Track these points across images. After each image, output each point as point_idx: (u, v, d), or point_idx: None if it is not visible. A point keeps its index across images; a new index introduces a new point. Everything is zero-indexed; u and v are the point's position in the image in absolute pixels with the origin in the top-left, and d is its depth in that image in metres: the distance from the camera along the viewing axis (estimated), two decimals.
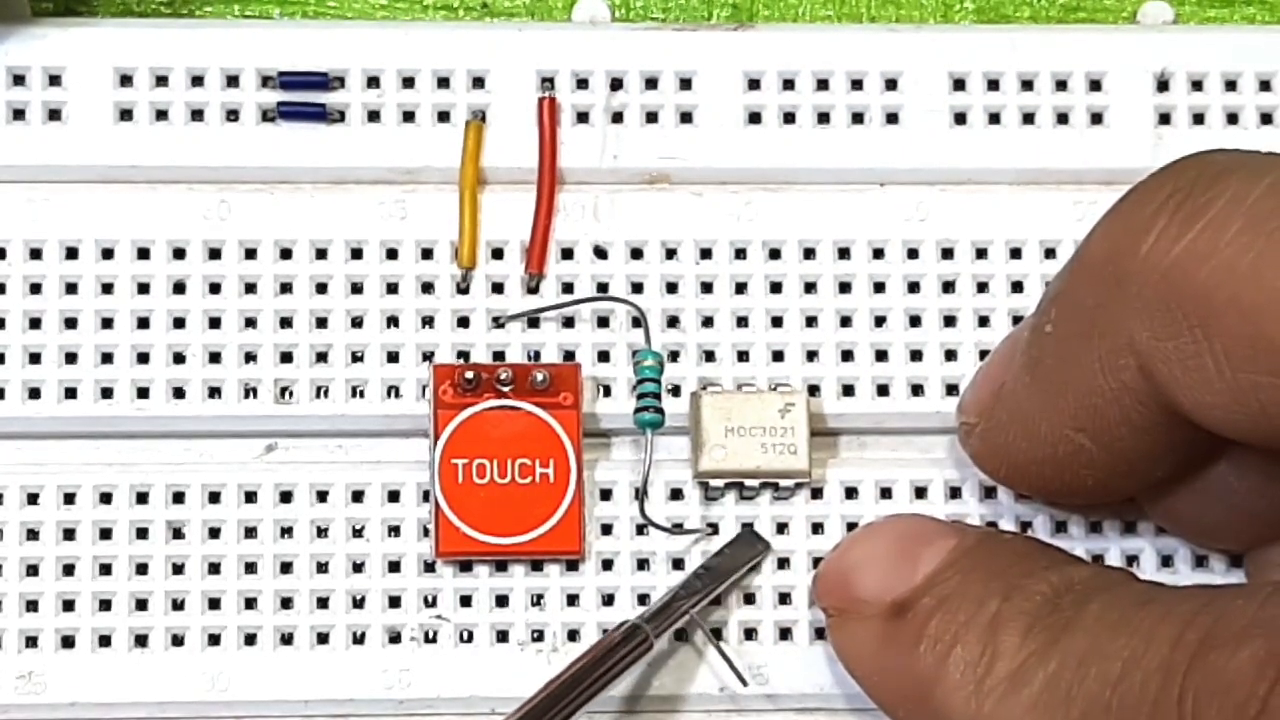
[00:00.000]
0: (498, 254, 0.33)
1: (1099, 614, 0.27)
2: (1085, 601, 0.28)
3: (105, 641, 0.31)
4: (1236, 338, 0.25)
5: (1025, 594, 0.28)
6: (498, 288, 0.33)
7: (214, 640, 0.31)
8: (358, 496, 0.32)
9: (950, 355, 0.33)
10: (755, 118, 0.33)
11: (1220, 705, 0.25)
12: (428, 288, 0.33)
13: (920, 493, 0.33)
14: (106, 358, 0.32)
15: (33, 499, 0.32)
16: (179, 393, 0.32)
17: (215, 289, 0.32)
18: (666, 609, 0.31)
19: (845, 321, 0.33)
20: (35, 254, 0.32)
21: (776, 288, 0.33)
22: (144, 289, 0.32)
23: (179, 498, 0.32)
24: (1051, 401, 0.29)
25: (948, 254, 0.33)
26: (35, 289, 0.32)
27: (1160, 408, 0.27)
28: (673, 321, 0.33)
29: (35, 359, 0.32)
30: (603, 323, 0.33)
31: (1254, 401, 0.26)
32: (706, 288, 0.33)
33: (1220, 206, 0.26)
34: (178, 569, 0.31)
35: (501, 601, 0.32)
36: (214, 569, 0.31)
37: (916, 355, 0.33)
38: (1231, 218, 0.26)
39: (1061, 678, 0.27)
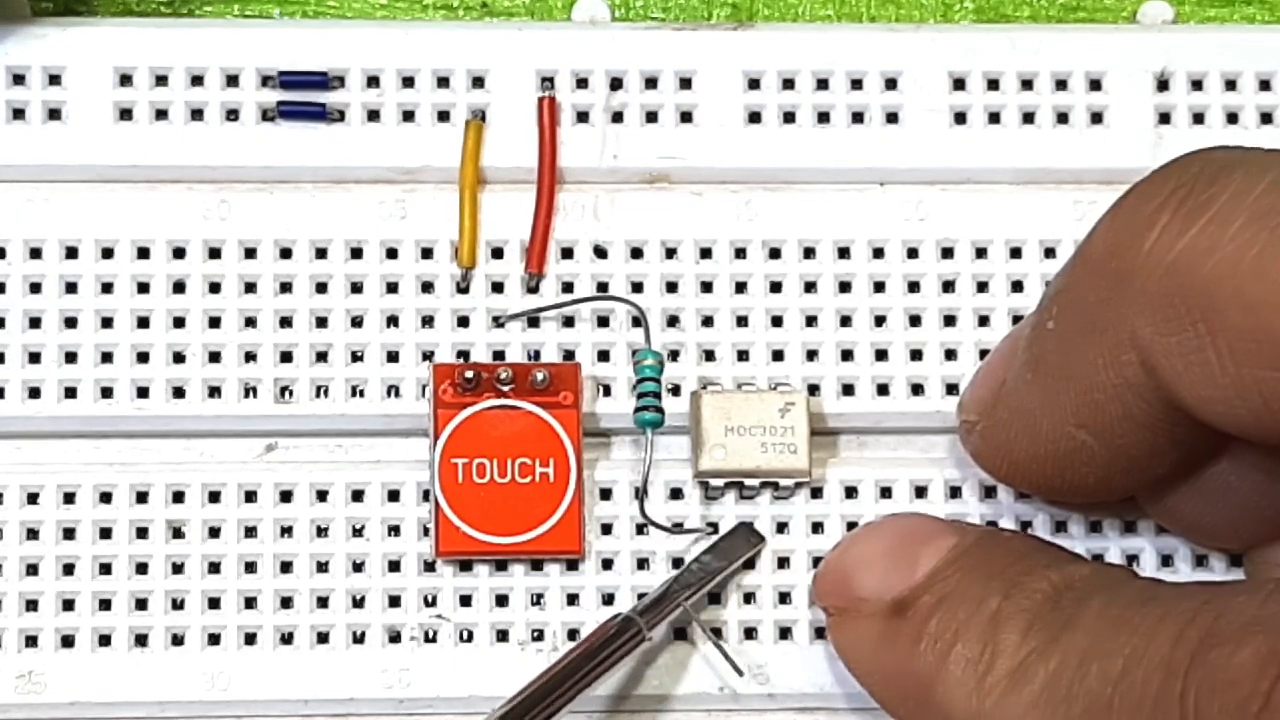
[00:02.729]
0: (497, 253, 0.33)
1: (1100, 611, 0.27)
2: (1086, 599, 0.28)
3: (105, 641, 0.31)
4: (1239, 332, 0.25)
5: (1026, 592, 0.28)
6: (497, 287, 0.33)
7: (214, 640, 0.31)
8: (358, 496, 0.32)
9: (950, 355, 0.33)
10: (755, 117, 0.33)
11: (1222, 702, 0.25)
12: (427, 287, 0.33)
13: (920, 492, 0.33)
14: (106, 357, 0.32)
15: (33, 499, 0.31)
16: (179, 392, 0.32)
17: (215, 288, 0.32)
18: (660, 601, 0.31)
19: (845, 321, 0.33)
20: (35, 253, 0.32)
21: (776, 287, 0.33)
22: (144, 288, 0.32)
23: (179, 497, 0.32)
24: (1053, 398, 0.29)
25: (947, 254, 0.33)
26: (35, 288, 0.32)
27: (1162, 403, 0.27)
28: (673, 321, 0.33)
29: (35, 359, 0.32)
30: (603, 322, 0.33)
31: (1256, 396, 0.26)
32: (706, 287, 0.33)
33: (1223, 202, 0.26)
34: (177, 568, 0.31)
35: (501, 601, 0.32)
36: (214, 568, 0.31)
37: (916, 355, 0.33)
38: (1234, 213, 0.26)
39: (1063, 675, 0.27)
